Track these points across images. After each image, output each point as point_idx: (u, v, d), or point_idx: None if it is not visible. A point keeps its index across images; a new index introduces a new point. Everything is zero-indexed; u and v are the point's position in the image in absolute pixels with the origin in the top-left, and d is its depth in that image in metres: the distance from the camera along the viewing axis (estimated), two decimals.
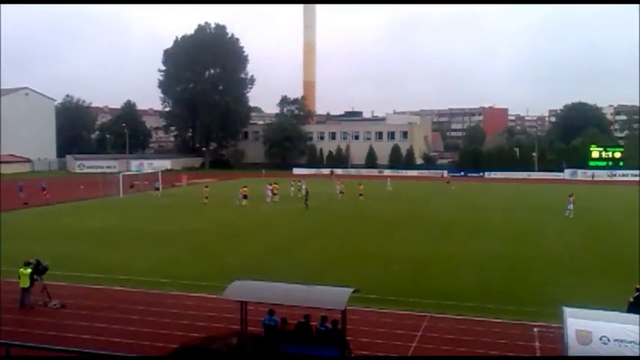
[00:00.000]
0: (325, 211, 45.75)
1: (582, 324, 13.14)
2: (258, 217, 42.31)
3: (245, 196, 49.04)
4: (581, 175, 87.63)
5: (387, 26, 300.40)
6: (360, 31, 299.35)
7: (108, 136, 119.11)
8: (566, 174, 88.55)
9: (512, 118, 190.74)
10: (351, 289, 14.99)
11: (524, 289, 21.72)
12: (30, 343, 13.05)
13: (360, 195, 52.24)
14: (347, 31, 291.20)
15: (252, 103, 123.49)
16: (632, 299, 16.64)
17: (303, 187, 55.67)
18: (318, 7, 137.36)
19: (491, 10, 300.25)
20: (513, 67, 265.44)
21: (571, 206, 42.13)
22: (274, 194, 53.00)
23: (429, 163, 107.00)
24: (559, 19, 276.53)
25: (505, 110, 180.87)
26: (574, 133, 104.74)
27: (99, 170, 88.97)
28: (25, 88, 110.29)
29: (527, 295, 20.69)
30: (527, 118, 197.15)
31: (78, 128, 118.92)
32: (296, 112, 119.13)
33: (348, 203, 50.17)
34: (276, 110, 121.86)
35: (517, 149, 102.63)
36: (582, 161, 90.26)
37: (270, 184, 54.51)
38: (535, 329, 17.27)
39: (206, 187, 53.61)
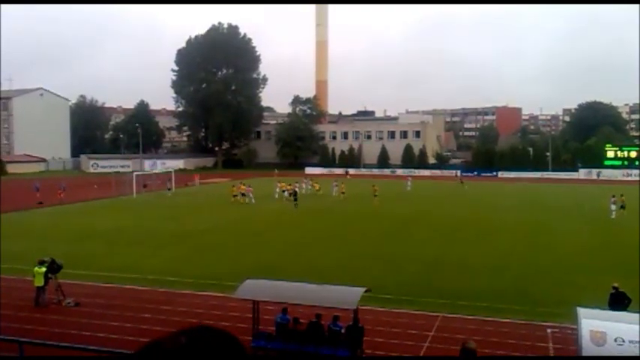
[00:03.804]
0: (335, 211, 45.71)
1: (597, 325, 13.00)
2: (269, 217, 42.38)
3: (243, 194, 50.15)
4: (591, 174, 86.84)
5: (400, 26, 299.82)
6: (373, 31, 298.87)
7: (121, 135, 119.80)
8: (581, 174, 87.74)
9: (526, 117, 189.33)
10: (363, 289, 14.97)
11: (537, 289, 21.54)
12: (43, 341, 13.14)
13: (375, 196, 50.73)
14: (360, 31, 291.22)
15: (264, 103, 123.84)
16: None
17: (305, 186, 57.37)
18: (331, 6, 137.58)
19: (505, 10, 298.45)
20: (527, 67, 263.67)
21: (613, 207, 41.67)
22: (290, 194, 53.10)
23: (442, 162, 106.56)
24: (574, 19, 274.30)
25: (519, 110, 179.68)
26: (589, 132, 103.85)
27: (112, 170, 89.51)
28: (40, 88, 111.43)
29: (540, 296, 20.51)
30: (540, 117, 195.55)
31: (92, 128, 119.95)
32: (308, 111, 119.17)
33: (359, 203, 49.89)
34: (289, 110, 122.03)
35: (531, 149, 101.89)
36: (597, 161, 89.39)
37: (285, 183, 55.61)
38: (549, 330, 17.12)
39: (242, 183, 54.19)
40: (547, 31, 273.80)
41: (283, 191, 54.16)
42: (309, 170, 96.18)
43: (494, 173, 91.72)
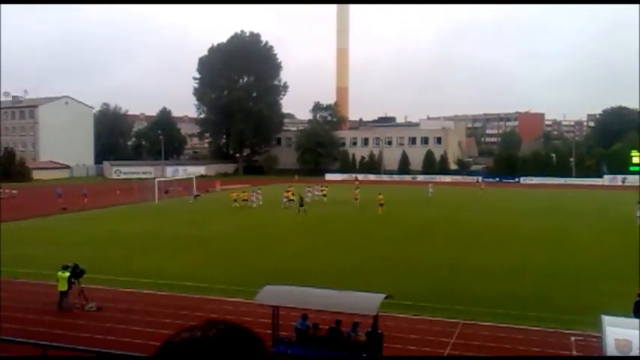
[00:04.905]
0: (350, 217, 45.57)
1: (622, 333, 12.78)
2: (286, 222, 42.44)
3: (235, 200, 52.27)
4: (616, 180, 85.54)
5: (422, 32, 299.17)
6: (394, 37, 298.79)
7: (144, 142, 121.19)
8: (606, 180, 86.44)
9: (549, 123, 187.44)
10: (383, 295, 14.90)
11: (560, 296, 21.23)
12: (66, 345, 13.31)
13: (381, 205, 48.06)
14: (381, 37, 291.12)
15: (285, 110, 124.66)
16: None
17: (319, 192, 59.00)
18: (353, 12, 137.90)
19: (527, 14, 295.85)
20: (550, 71, 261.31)
21: (639, 213, 41.11)
22: (291, 200, 53.28)
23: (463, 168, 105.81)
24: (598, 22, 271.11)
25: (541, 115, 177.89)
26: (613, 137, 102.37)
27: (135, 176, 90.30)
28: (65, 96, 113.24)
29: (564, 303, 20.20)
30: (564, 123, 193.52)
31: (115, 135, 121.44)
32: (329, 118, 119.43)
33: (375, 209, 49.28)
34: (309, 116, 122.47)
35: (554, 155, 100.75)
36: (622, 167, 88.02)
37: (292, 190, 56.62)
38: (572, 338, 16.86)
39: (289, 189, 56.48)
40: (571, 34, 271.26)
41: (290, 200, 53.07)
42: (329, 177, 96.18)
43: (517, 179, 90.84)
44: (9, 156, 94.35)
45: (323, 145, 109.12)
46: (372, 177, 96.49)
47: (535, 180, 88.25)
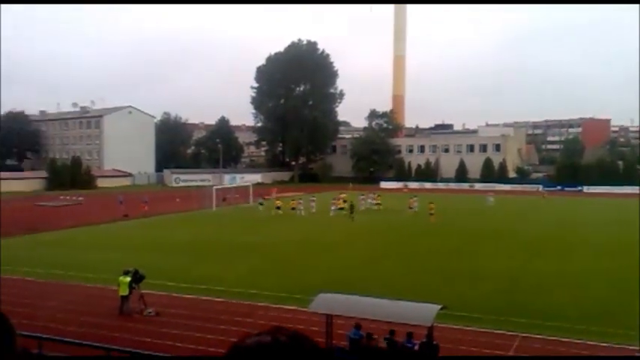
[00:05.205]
0: (406, 227, 45.07)
1: None
2: (341, 231, 42.37)
3: (279, 207, 53.24)
4: None
5: (480, 37, 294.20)
6: (452, 42, 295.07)
7: (203, 151, 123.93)
8: None
9: (615, 129, 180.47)
10: (439, 306, 14.67)
11: (626, 311, 20.30)
12: (127, 348, 13.72)
13: (431, 214, 47.43)
14: (438, 43, 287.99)
15: (340, 118, 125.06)
16: None
17: (370, 200, 59.51)
18: (410, 19, 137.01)
19: (593, 16, 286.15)
20: (618, 75, 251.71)
21: None
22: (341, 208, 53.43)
23: (523, 176, 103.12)
24: None
25: (607, 121, 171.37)
26: None
27: (193, 184, 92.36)
28: (129, 106, 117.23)
29: (630, 317, 19.31)
30: (632, 128, 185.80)
31: (175, 144, 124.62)
32: (384, 125, 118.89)
33: (428, 218, 48.54)
34: (365, 124, 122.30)
35: (620, 162, 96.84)
36: None
37: (344, 196, 57.21)
38: (637, 354, 16.11)
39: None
40: (637, 33, 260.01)
41: (340, 208, 53.21)
42: (384, 184, 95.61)
43: (579, 188, 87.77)
44: (76, 164, 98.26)
45: (378, 152, 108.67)
46: (427, 185, 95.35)
47: (599, 189, 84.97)
